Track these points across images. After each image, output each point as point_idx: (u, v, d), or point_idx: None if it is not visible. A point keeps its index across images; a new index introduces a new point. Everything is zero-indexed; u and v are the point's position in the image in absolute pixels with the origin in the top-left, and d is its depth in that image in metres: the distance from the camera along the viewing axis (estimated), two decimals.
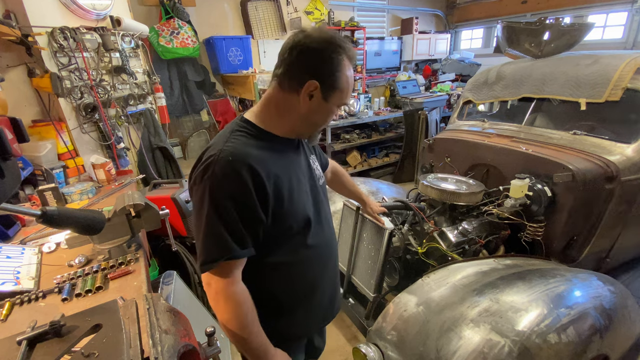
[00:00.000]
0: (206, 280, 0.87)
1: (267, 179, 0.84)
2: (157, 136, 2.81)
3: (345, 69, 0.87)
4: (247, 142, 0.87)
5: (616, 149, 1.75)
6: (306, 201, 0.97)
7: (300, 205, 0.94)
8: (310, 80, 0.84)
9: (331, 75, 0.85)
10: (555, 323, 1.18)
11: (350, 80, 0.89)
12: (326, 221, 1.07)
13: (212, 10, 4.13)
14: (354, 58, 0.89)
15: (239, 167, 0.80)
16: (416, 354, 1.23)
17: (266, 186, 0.84)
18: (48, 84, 2.01)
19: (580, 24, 2.18)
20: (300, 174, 0.97)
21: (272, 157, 0.89)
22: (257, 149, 0.87)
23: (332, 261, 1.13)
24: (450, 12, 6.44)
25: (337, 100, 0.90)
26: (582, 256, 1.79)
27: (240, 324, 0.87)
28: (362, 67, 5.27)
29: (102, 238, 1.26)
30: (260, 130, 0.91)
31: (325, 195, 1.11)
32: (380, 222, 1.61)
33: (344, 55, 0.86)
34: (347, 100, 0.92)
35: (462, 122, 2.60)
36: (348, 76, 0.88)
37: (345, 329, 2.25)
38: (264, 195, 0.84)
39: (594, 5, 4.65)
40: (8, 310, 1.04)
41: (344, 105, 0.93)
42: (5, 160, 0.74)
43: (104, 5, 2.40)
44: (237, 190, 0.81)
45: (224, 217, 0.81)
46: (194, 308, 1.97)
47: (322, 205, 1.05)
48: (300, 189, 0.95)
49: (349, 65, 0.88)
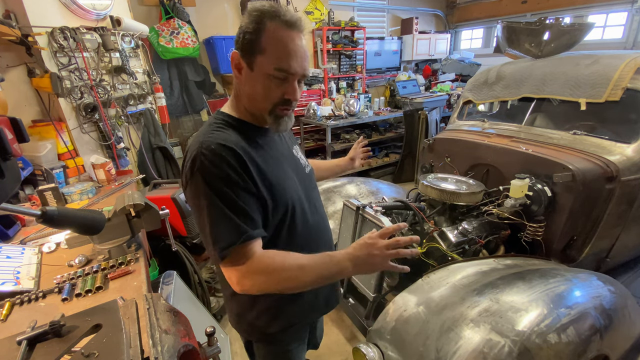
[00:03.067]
0: (227, 274, 0.82)
1: (251, 163, 0.83)
2: (157, 136, 2.81)
3: (265, 31, 0.80)
4: (226, 131, 0.87)
5: (616, 149, 1.74)
6: (293, 186, 0.95)
7: (288, 190, 0.92)
8: (233, 51, 0.85)
9: (249, 41, 0.81)
10: (555, 323, 1.18)
11: (279, 42, 0.81)
12: (315, 207, 1.07)
13: (212, 10, 4.14)
14: (283, 19, 0.81)
15: (222, 151, 0.80)
16: (416, 354, 1.23)
17: (251, 170, 0.83)
18: (48, 84, 2.01)
19: (580, 24, 2.17)
20: (283, 160, 0.97)
21: (252, 144, 0.88)
22: (235, 136, 0.86)
23: (326, 245, 1.11)
24: (450, 12, 6.45)
25: (265, 66, 0.82)
26: (582, 256, 1.79)
27: (290, 281, 0.82)
28: (362, 67, 5.27)
29: (102, 238, 1.26)
30: (235, 119, 0.91)
31: (314, 182, 1.13)
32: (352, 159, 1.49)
33: (264, 18, 0.80)
34: (283, 64, 0.82)
35: (462, 122, 2.60)
36: (271, 36, 0.80)
37: (345, 329, 2.25)
38: (251, 177, 0.83)
39: (594, 5, 4.65)
40: (8, 310, 1.04)
41: (281, 69, 0.82)
42: (5, 160, 0.74)
43: (104, 5, 2.40)
44: (227, 172, 0.79)
45: (225, 202, 0.79)
46: (194, 308, 1.97)
47: (312, 191, 1.07)
48: (286, 175, 0.94)
49: (275, 26, 0.80)
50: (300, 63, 0.84)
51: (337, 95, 4.96)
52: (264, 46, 0.81)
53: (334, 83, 5.12)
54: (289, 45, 0.82)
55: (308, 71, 0.89)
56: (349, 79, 5.38)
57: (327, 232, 1.14)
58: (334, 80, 5.12)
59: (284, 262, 0.82)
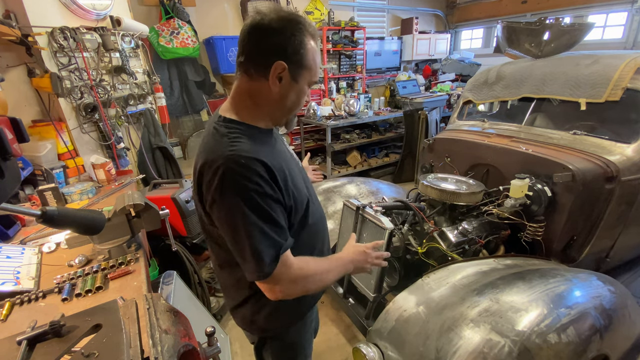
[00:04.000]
0: (267, 286, 0.86)
1: (278, 171, 0.83)
2: (157, 136, 2.81)
3: (309, 46, 0.84)
4: (244, 142, 0.83)
5: (616, 149, 1.75)
6: (302, 183, 0.97)
7: (301, 190, 0.94)
8: (277, 61, 0.81)
9: (296, 53, 0.82)
10: (555, 323, 1.18)
11: (316, 57, 0.87)
12: (316, 198, 1.11)
13: (212, 10, 4.13)
14: (315, 34, 0.86)
15: (253, 165, 0.78)
16: (416, 354, 1.23)
17: (278, 179, 0.83)
18: (48, 84, 2.01)
19: (580, 24, 2.18)
20: (288, 160, 0.97)
21: (266, 150, 0.86)
22: (255, 145, 0.84)
23: (326, 233, 1.18)
24: (450, 12, 6.45)
25: (306, 79, 0.88)
26: (582, 256, 1.79)
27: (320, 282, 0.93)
28: (362, 67, 5.27)
29: (102, 238, 1.26)
30: (247, 126, 0.88)
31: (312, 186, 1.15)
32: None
33: (306, 32, 0.82)
34: (316, 78, 0.91)
35: (462, 122, 2.60)
36: (314, 53, 0.86)
37: (345, 329, 2.25)
38: (279, 186, 0.84)
39: (594, 5, 4.65)
40: (8, 310, 1.04)
41: (314, 83, 0.92)
42: (5, 160, 0.74)
43: (104, 5, 2.40)
44: (261, 185, 0.79)
45: (262, 217, 0.80)
46: (194, 308, 1.97)
47: (310, 183, 1.12)
48: (295, 175, 0.95)
49: (313, 42, 0.85)
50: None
51: (337, 95, 4.96)
52: (310, 63, 0.86)
53: (334, 83, 5.12)
54: (318, 60, 0.89)
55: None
56: (349, 79, 5.38)
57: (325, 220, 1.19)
58: (334, 80, 5.12)
59: (316, 268, 0.92)
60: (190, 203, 2.15)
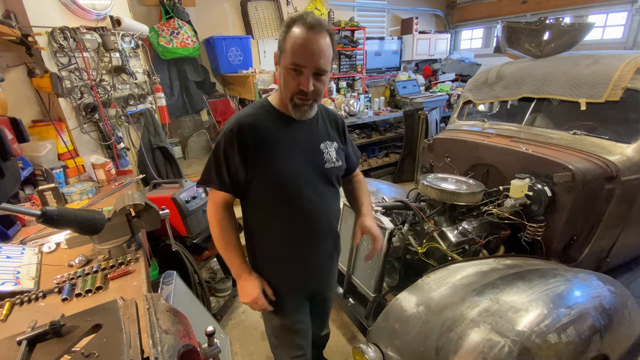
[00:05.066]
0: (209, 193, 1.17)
1: (250, 132, 1.07)
2: (157, 136, 2.81)
3: (291, 33, 0.98)
4: (250, 111, 1.12)
5: (616, 149, 1.75)
6: (293, 166, 1.12)
7: (284, 165, 1.10)
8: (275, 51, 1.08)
9: (281, 41, 1.01)
10: (555, 323, 1.18)
11: (296, 42, 0.97)
12: (320, 198, 1.17)
13: (212, 10, 4.13)
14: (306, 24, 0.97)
15: (232, 126, 1.08)
16: (416, 354, 1.23)
17: (247, 138, 1.06)
18: (48, 84, 2.01)
19: (580, 24, 2.17)
20: (295, 144, 1.13)
21: (267, 122, 1.10)
22: (255, 115, 1.11)
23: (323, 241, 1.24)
24: (450, 12, 6.44)
25: (285, 62, 1.01)
26: (582, 256, 1.79)
27: (215, 236, 1.17)
28: (362, 67, 5.27)
29: (102, 238, 1.26)
30: (269, 105, 1.14)
31: (330, 180, 1.20)
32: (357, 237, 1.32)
33: (294, 23, 0.98)
34: (291, 60, 0.99)
35: (462, 122, 2.60)
36: (294, 38, 0.97)
37: (345, 329, 2.25)
38: (245, 146, 1.07)
39: (594, 5, 4.65)
40: (8, 310, 1.04)
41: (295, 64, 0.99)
42: (5, 160, 0.74)
43: (104, 5, 2.40)
44: (226, 143, 1.08)
45: (214, 159, 1.10)
46: (194, 308, 1.97)
47: (320, 184, 1.17)
48: (288, 154, 1.11)
49: (299, 30, 0.97)
50: (313, 59, 0.98)
51: (337, 95, 4.95)
52: (286, 46, 0.99)
53: (334, 83, 5.11)
54: (303, 44, 0.97)
55: (325, 67, 1.01)
56: (349, 79, 5.38)
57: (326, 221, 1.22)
58: (334, 80, 5.12)
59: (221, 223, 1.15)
60: (190, 203, 2.15)
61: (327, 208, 1.21)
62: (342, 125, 1.28)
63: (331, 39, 1.01)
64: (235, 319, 2.40)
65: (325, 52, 0.99)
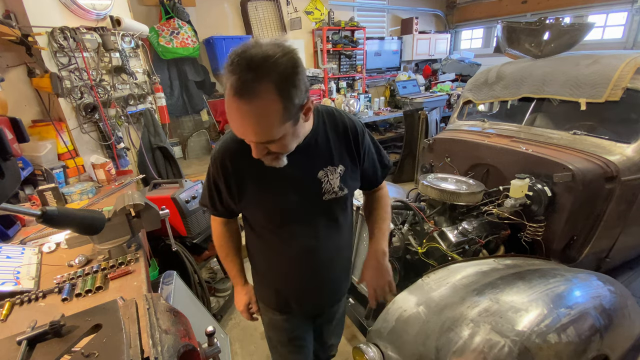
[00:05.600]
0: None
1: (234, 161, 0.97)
2: (157, 136, 2.81)
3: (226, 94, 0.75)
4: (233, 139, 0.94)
5: (616, 149, 1.74)
6: (281, 203, 0.99)
7: (268, 202, 1.00)
8: None
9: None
10: (555, 323, 1.18)
11: (227, 105, 0.76)
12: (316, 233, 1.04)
13: (212, 10, 4.14)
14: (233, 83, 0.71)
15: (215, 154, 1.00)
16: (416, 354, 1.23)
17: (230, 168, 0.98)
18: (48, 84, 2.01)
19: (580, 24, 2.17)
20: (284, 176, 0.94)
21: (248, 156, 0.88)
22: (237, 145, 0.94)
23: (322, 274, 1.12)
24: (450, 12, 6.44)
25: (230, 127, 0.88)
26: (582, 256, 1.79)
27: (216, 246, 1.21)
28: (362, 67, 5.27)
29: (102, 238, 1.26)
30: None
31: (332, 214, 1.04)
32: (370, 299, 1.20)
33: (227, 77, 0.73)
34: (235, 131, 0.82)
35: (462, 122, 2.60)
36: (226, 98, 0.75)
37: (345, 329, 2.24)
38: (229, 176, 0.99)
39: (594, 5, 4.65)
40: (8, 310, 1.04)
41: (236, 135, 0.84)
42: (5, 160, 0.74)
43: (104, 5, 2.40)
44: (213, 171, 1.02)
45: (207, 185, 1.08)
46: (194, 308, 1.97)
47: (318, 219, 1.03)
48: (273, 188, 0.98)
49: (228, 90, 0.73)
50: (245, 132, 0.79)
51: (337, 95, 4.96)
52: (226, 113, 0.78)
53: (334, 83, 5.12)
54: (232, 115, 0.76)
55: (265, 139, 0.79)
56: (349, 79, 5.38)
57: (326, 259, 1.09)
58: (334, 80, 5.12)
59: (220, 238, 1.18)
60: (190, 203, 2.15)
61: (327, 246, 1.06)
62: (355, 136, 1.02)
63: (279, 89, 0.72)
64: (235, 319, 2.40)
65: (263, 123, 0.75)
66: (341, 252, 1.15)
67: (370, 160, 1.10)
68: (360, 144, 1.03)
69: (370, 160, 1.09)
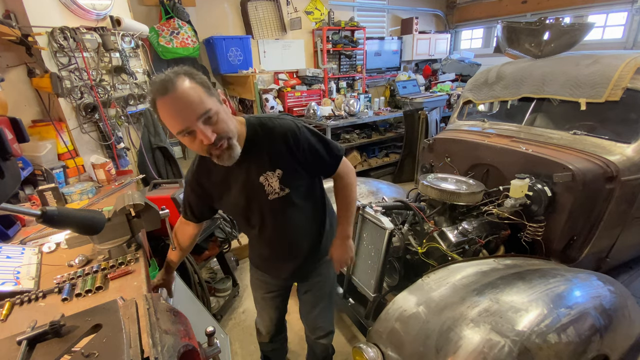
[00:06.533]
0: None
1: (200, 182, 1.22)
2: (157, 136, 2.80)
3: (158, 108, 0.92)
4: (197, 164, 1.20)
5: (616, 149, 1.75)
6: (235, 206, 1.22)
7: (230, 206, 1.25)
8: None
9: (159, 120, 0.96)
10: (555, 323, 1.18)
11: (164, 112, 0.91)
12: (275, 225, 1.25)
13: (212, 10, 4.14)
14: (159, 91, 0.90)
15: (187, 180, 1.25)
16: (416, 354, 1.23)
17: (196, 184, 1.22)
18: (48, 84, 2.01)
19: (580, 24, 2.17)
20: (233, 187, 1.18)
21: (209, 169, 1.17)
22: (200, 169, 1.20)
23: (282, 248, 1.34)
24: (450, 12, 6.45)
25: (174, 132, 0.94)
26: (582, 256, 1.79)
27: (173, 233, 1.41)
28: (362, 67, 5.27)
29: (102, 238, 1.26)
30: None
31: (282, 208, 1.21)
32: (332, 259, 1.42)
33: (154, 99, 0.91)
34: (176, 129, 0.93)
35: (462, 122, 2.61)
36: (161, 109, 0.91)
37: (345, 329, 2.25)
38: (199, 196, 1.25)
39: (594, 5, 4.65)
40: (8, 310, 1.04)
41: (180, 132, 0.93)
42: (5, 160, 0.74)
43: (104, 5, 2.40)
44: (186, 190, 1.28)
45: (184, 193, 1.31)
46: (194, 308, 1.97)
47: (273, 213, 1.21)
48: (229, 196, 1.20)
49: (158, 102, 0.90)
50: (185, 117, 0.91)
51: (337, 95, 4.95)
52: (164, 120, 0.94)
53: (334, 83, 5.12)
54: (170, 110, 0.91)
55: (202, 110, 0.91)
56: (349, 79, 5.38)
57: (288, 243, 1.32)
58: (334, 80, 5.12)
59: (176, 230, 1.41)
60: None
61: (282, 231, 1.27)
62: (287, 139, 1.12)
63: (190, 77, 0.92)
64: (235, 319, 2.40)
65: (193, 97, 0.90)
66: (298, 230, 1.31)
67: (314, 153, 1.18)
68: (297, 145, 1.13)
69: (313, 154, 1.17)
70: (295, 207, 1.23)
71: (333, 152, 1.23)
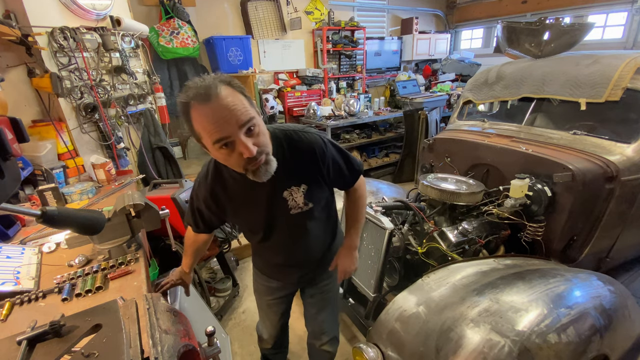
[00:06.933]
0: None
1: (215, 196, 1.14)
2: (157, 136, 2.80)
3: (195, 117, 0.86)
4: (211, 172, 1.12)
5: (616, 149, 1.74)
6: (252, 220, 1.19)
7: (244, 220, 1.22)
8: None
9: (192, 129, 0.90)
10: (555, 323, 1.18)
11: (203, 120, 0.86)
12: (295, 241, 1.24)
13: (212, 10, 4.14)
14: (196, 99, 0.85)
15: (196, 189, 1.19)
16: (416, 354, 1.23)
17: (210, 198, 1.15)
18: (48, 84, 2.01)
19: (580, 24, 2.17)
20: (253, 201, 1.13)
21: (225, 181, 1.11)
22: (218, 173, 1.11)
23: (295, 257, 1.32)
24: (450, 12, 6.45)
25: (209, 143, 0.89)
26: (582, 256, 1.79)
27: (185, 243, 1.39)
28: (362, 67, 5.27)
29: (102, 238, 1.26)
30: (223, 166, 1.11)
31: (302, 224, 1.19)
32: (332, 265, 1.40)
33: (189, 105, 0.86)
34: (215, 137, 0.87)
35: (462, 122, 2.60)
36: (200, 118, 0.86)
37: (345, 329, 2.25)
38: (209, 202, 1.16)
39: (594, 5, 4.65)
40: (8, 310, 1.04)
41: (219, 140, 0.87)
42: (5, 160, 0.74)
43: (104, 5, 2.40)
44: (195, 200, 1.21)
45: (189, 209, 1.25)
46: (194, 308, 1.97)
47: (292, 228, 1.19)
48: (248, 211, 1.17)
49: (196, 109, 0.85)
50: (229, 124, 0.86)
51: (337, 95, 4.96)
52: (199, 130, 0.88)
53: (334, 83, 5.12)
54: (209, 119, 0.85)
55: (246, 118, 0.87)
56: (349, 79, 5.38)
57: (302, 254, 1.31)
58: (334, 80, 5.12)
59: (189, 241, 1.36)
60: None
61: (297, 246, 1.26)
62: (314, 154, 1.09)
63: (230, 85, 0.89)
64: (236, 319, 2.40)
65: (236, 106, 0.86)
66: (314, 240, 1.29)
67: (337, 169, 1.18)
68: (322, 161, 1.11)
69: (336, 170, 1.18)
70: (315, 220, 1.21)
71: (354, 167, 1.25)
